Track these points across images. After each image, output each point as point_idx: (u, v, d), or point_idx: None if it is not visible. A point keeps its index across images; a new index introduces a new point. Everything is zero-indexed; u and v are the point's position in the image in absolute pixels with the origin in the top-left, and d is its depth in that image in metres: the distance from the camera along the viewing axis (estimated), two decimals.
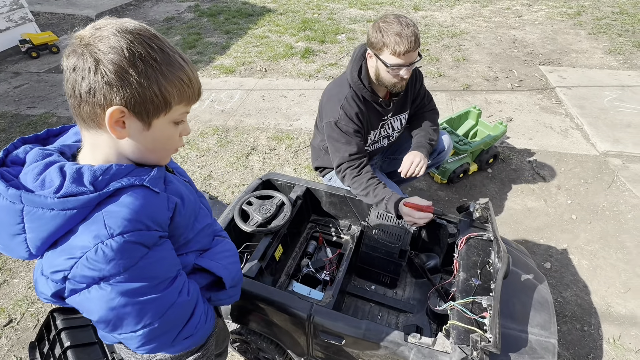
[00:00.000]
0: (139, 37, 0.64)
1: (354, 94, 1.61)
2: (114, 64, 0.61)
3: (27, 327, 1.90)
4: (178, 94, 0.69)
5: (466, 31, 5.12)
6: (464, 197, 2.51)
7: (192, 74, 0.71)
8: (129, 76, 0.62)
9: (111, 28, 0.63)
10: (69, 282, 0.66)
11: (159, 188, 0.72)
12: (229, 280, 0.90)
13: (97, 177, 0.65)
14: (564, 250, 2.12)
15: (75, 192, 0.63)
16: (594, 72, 3.89)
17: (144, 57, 0.63)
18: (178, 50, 0.70)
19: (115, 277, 0.65)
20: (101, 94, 0.62)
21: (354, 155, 1.61)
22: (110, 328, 0.71)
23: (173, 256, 0.77)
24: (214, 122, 3.49)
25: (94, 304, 0.67)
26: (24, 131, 3.54)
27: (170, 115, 0.70)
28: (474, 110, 2.69)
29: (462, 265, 1.30)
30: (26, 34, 5.10)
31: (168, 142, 0.75)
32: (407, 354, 1.11)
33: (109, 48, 0.61)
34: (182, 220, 0.78)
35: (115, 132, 0.66)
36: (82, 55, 0.61)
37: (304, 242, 1.80)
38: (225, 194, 2.67)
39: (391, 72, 1.50)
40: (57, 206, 0.62)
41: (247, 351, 1.61)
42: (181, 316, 0.79)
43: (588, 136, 2.98)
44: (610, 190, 2.48)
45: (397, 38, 1.41)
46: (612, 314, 1.80)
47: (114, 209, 0.65)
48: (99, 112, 0.64)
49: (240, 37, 5.37)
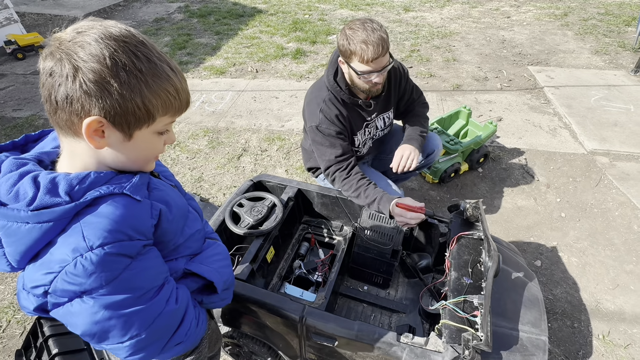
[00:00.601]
0: (124, 45, 0.60)
1: (333, 96, 1.60)
2: (94, 72, 0.57)
3: (14, 335, 1.85)
4: (163, 106, 0.65)
5: (456, 32, 5.17)
6: (455, 197, 2.53)
7: (179, 85, 0.67)
8: (110, 87, 0.59)
9: (94, 33, 0.59)
10: (50, 297, 0.63)
11: (140, 195, 0.69)
12: (220, 284, 0.89)
13: (73, 186, 0.62)
14: (553, 248, 2.15)
15: (50, 203, 0.60)
16: (580, 72, 3.95)
17: (128, 68, 0.59)
18: (167, 59, 0.66)
19: (98, 290, 0.62)
20: (79, 103, 0.59)
21: (340, 157, 1.60)
22: (95, 341, 0.68)
23: (159, 264, 0.74)
24: (205, 124, 3.46)
25: (77, 318, 0.65)
26: (10, 134, 3.47)
27: (153, 127, 0.67)
28: (464, 110, 2.71)
29: (453, 265, 1.30)
30: (11, 35, 5.01)
31: (151, 152, 0.73)
32: (400, 354, 1.11)
33: (89, 55, 0.57)
34: (170, 226, 0.76)
35: (93, 141, 0.62)
36: (60, 60, 0.58)
37: (296, 243, 1.79)
38: (217, 195, 2.64)
39: (362, 79, 1.49)
40: (31, 219, 0.59)
41: (239, 354, 1.59)
42: (170, 324, 0.77)
43: (576, 135, 3.02)
44: (598, 188, 2.52)
45: (363, 46, 1.38)
46: (601, 310, 1.83)
47: (93, 220, 0.62)
48: (76, 121, 0.61)
49: (231, 38, 5.34)
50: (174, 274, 0.83)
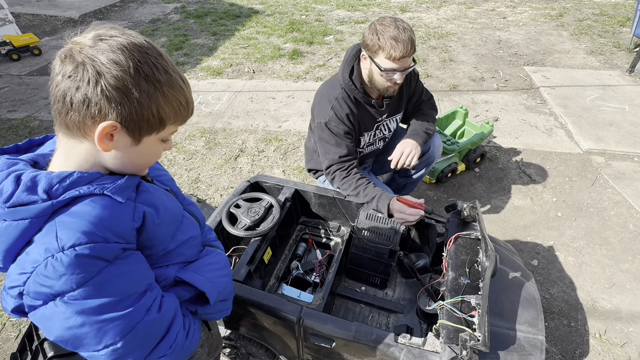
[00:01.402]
0: (146, 57, 0.63)
1: (346, 95, 1.59)
2: (117, 79, 0.60)
3: (9, 338, 1.84)
4: (174, 115, 0.69)
5: (452, 32, 5.18)
6: (452, 197, 2.54)
7: (189, 96, 0.71)
8: (131, 94, 0.62)
9: (117, 41, 0.61)
10: (25, 298, 0.62)
11: (123, 197, 0.67)
12: (213, 294, 0.85)
13: (52, 185, 0.61)
14: (550, 248, 2.15)
15: (26, 201, 0.59)
16: (576, 72, 3.98)
17: (149, 78, 0.63)
18: (179, 71, 0.70)
19: (69, 293, 0.60)
20: (97, 107, 0.61)
21: (344, 157, 1.60)
22: (70, 347, 0.65)
23: (142, 270, 0.71)
24: (202, 125, 3.45)
25: (50, 323, 0.62)
26: (5, 135, 3.45)
27: (161, 134, 0.70)
28: (460, 110, 2.72)
29: (451, 265, 1.30)
30: (6, 35, 4.97)
31: (152, 157, 0.75)
32: (398, 355, 1.11)
33: (114, 63, 0.60)
34: (158, 230, 0.74)
35: (102, 144, 0.64)
36: (83, 64, 0.59)
37: (293, 244, 1.79)
38: (214, 197, 2.63)
39: (385, 76, 1.48)
40: (7, 217, 0.59)
41: (237, 356, 1.58)
42: (151, 334, 0.72)
43: (572, 135, 3.04)
44: (594, 188, 2.54)
45: (393, 42, 1.38)
46: (598, 309, 1.84)
47: (67, 220, 0.60)
48: (89, 124, 0.62)
49: (228, 38, 5.33)
50: (164, 282, 0.80)
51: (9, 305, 0.64)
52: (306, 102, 3.71)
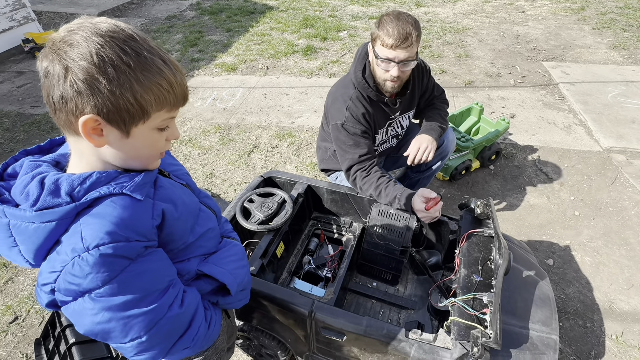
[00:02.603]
0: (110, 41, 0.59)
1: (359, 94, 1.59)
2: (83, 71, 0.57)
3: (33, 324, 1.92)
4: (157, 101, 0.64)
5: (469, 27, 5.09)
6: (465, 194, 2.51)
7: (173, 78, 0.65)
8: (99, 84, 0.58)
9: (83, 31, 0.59)
10: (57, 294, 0.65)
11: (142, 194, 0.68)
12: (234, 286, 0.88)
13: (74, 187, 0.63)
14: (566, 247, 2.11)
15: (51, 204, 0.62)
16: (597, 67, 3.86)
17: (115, 63, 0.59)
18: (160, 52, 0.65)
19: (95, 291, 0.63)
20: (72, 103, 0.59)
21: (364, 156, 1.59)
22: (100, 339, 0.69)
23: (164, 267, 0.73)
24: (216, 120, 3.50)
25: (80, 317, 0.66)
26: (28, 130, 3.57)
27: (150, 123, 0.66)
28: (476, 106, 2.68)
29: (463, 262, 1.30)
30: (29, 33, 5.13)
31: (153, 149, 0.72)
32: (408, 350, 1.11)
33: (78, 54, 0.57)
34: (177, 225, 0.76)
35: (92, 140, 0.63)
36: (52, 61, 0.58)
37: (305, 239, 1.81)
38: (228, 191, 2.67)
39: (381, 65, 1.48)
40: (36, 219, 0.61)
41: (249, 347, 1.62)
42: (174, 329, 0.76)
43: (592, 132, 2.96)
44: (614, 187, 2.47)
45: (389, 29, 1.40)
46: (615, 310, 1.80)
47: (90, 221, 0.62)
48: (73, 121, 0.61)
49: (242, 35, 5.37)
50: (187, 275, 0.83)
51: (43, 301, 0.68)
52: (319, 98, 3.72)
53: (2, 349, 1.82)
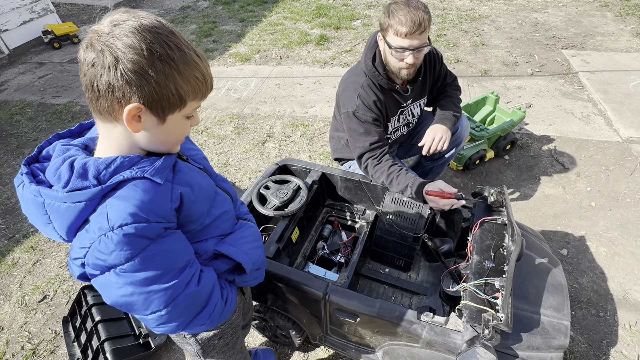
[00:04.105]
0: (157, 36, 0.64)
1: (370, 82, 1.59)
2: (134, 63, 0.62)
3: (60, 303, 2.02)
4: (193, 91, 0.70)
5: (485, 15, 4.98)
6: (479, 184, 2.50)
7: (206, 70, 0.72)
8: (148, 76, 0.64)
9: (129, 25, 0.63)
10: (86, 268, 0.71)
11: (162, 178, 0.73)
12: (248, 264, 0.93)
13: (100, 171, 0.68)
14: (581, 237, 2.10)
15: (80, 186, 0.67)
16: (619, 55, 3.74)
17: (163, 57, 0.64)
18: (193, 46, 0.71)
19: (119, 266, 0.69)
20: (120, 92, 0.64)
21: (375, 144, 1.60)
22: (124, 310, 0.76)
23: (182, 247, 0.78)
24: (231, 110, 3.54)
25: (107, 290, 0.72)
26: (50, 119, 3.68)
27: (184, 111, 0.72)
28: (491, 96, 2.65)
29: (475, 249, 1.31)
30: (48, 25, 5.25)
31: (181, 134, 0.78)
32: (420, 332, 1.15)
33: (128, 47, 0.62)
34: (194, 208, 0.80)
35: (131, 126, 0.68)
36: (102, 52, 0.62)
37: (319, 225, 1.84)
38: (242, 179, 2.73)
39: (395, 55, 1.47)
40: (67, 199, 0.66)
41: (264, 328, 1.68)
42: (191, 305, 0.81)
43: (611, 122, 2.90)
44: (633, 178, 2.42)
45: (401, 18, 1.38)
46: (629, 300, 1.79)
47: (115, 202, 0.67)
48: (117, 108, 0.66)
49: (255, 24, 5.37)
50: (204, 255, 0.88)
51: (75, 273, 0.74)
52: (332, 87, 3.72)
53: (32, 325, 1.93)
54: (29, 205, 0.70)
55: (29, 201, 0.70)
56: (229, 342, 1.12)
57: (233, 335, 1.13)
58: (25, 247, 2.36)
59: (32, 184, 0.69)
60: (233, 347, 1.16)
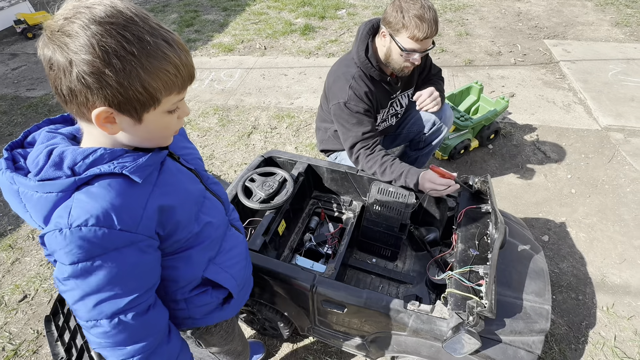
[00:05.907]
0: (110, 29, 0.56)
1: (362, 73, 1.58)
2: (88, 64, 0.55)
3: (42, 302, 1.97)
4: (165, 87, 0.62)
5: (470, 4, 5.00)
6: (464, 173, 2.52)
7: (178, 60, 0.63)
8: (106, 77, 0.56)
9: (79, 20, 0.55)
10: (50, 257, 0.67)
11: (141, 177, 0.67)
12: (235, 289, 0.93)
13: (76, 162, 0.63)
14: (562, 224, 2.16)
15: (52, 176, 0.62)
16: (599, 45, 3.82)
17: (119, 53, 0.56)
18: (162, 32, 0.61)
19: (63, 265, 0.64)
20: (82, 96, 0.58)
21: (367, 134, 1.59)
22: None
23: (136, 272, 0.70)
24: (215, 102, 3.47)
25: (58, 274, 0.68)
26: (25, 113, 3.55)
27: (161, 108, 0.65)
28: (475, 85, 2.67)
29: (460, 237, 1.33)
30: (20, 14, 5.02)
31: (166, 130, 0.72)
32: (407, 321, 1.16)
33: (79, 46, 0.55)
34: (179, 212, 0.75)
35: (106, 129, 0.63)
36: (54, 52, 0.56)
37: (306, 217, 1.84)
38: (228, 172, 2.69)
39: (404, 55, 1.46)
40: (38, 189, 0.62)
41: (253, 322, 1.67)
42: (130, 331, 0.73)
43: (590, 111, 2.96)
44: (611, 165, 2.50)
45: (418, 22, 1.35)
46: (607, 283, 1.86)
47: (82, 198, 0.62)
48: (85, 112, 0.61)
49: (239, 14, 5.26)
50: (193, 282, 0.85)
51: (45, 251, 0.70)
52: (318, 78, 3.68)
53: (13, 325, 1.88)
54: (7, 193, 0.67)
55: (5, 188, 0.66)
56: (228, 327, 1.14)
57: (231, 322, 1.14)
58: (3, 245, 2.29)
59: (8, 170, 0.65)
60: (232, 332, 1.17)
